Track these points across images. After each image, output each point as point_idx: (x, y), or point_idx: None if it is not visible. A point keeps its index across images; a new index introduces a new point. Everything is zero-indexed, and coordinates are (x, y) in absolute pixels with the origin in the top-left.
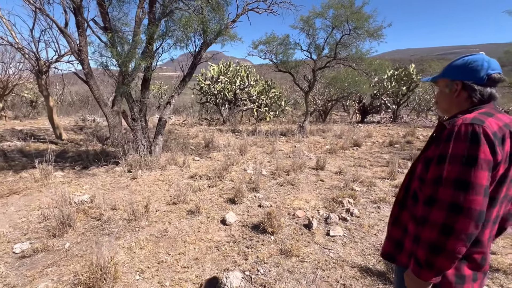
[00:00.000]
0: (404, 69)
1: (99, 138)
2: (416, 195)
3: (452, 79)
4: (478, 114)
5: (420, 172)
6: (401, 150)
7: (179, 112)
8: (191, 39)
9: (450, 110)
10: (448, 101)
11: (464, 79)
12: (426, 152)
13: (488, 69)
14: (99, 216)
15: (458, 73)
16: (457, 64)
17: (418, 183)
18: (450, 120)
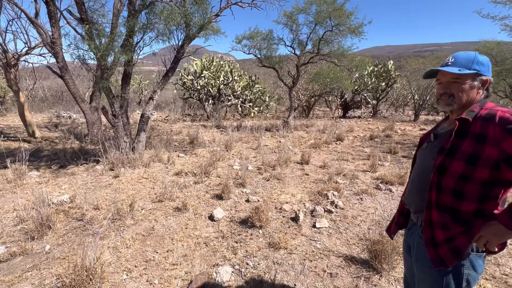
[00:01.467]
0: (383, 66)
1: (77, 135)
2: (459, 192)
3: (484, 74)
4: (498, 106)
5: (462, 170)
6: (381, 143)
7: (161, 108)
8: (174, 33)
9: (470, 103)
10: (471, 96)
11: (489, 75)
12: (459, 149)
13: None
14: (81, 216)
15: (487, 69)
16: (482, 61)
17: (455, 181)
18: (468, 113)
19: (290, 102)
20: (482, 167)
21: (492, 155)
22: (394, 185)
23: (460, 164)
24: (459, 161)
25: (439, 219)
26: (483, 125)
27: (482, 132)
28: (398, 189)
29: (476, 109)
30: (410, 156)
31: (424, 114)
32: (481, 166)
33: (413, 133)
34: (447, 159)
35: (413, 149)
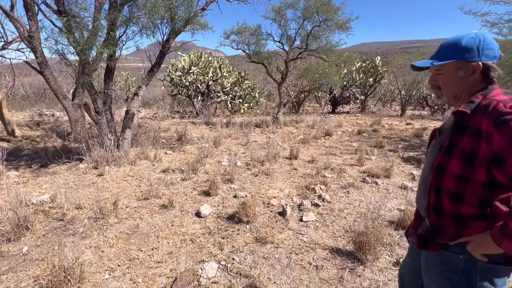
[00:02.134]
0: (371, 61)
1: (59, 134)
2: (458, 196)
3: (469, 59)
4: (505, 94)
5: (459, 171)
6: (368, 138)
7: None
8: (158, 27)
9: (462, 95)
10: (461, 85)
11: (483, 59)
12: (457, 146)
13: (497, 49)
14: (61, 216)
15: (475, 53)
16: (469, 44)
17: (455, 183)
18: (468, 105)
19: (279, 98)
20: (480, 167)
21: (487, 153)
22: (380, 178)
23: (457, 163)
24: (456, 160)
25: (441, 222)
26: (480, 118)
27: (479, 126)
28: (384, 181)
29: (477, 99)
30: (396, 150)
31: (411, 109)
32: (478, 166)
33: (400, 127)
34: (446, 158)
35: (399, 143)
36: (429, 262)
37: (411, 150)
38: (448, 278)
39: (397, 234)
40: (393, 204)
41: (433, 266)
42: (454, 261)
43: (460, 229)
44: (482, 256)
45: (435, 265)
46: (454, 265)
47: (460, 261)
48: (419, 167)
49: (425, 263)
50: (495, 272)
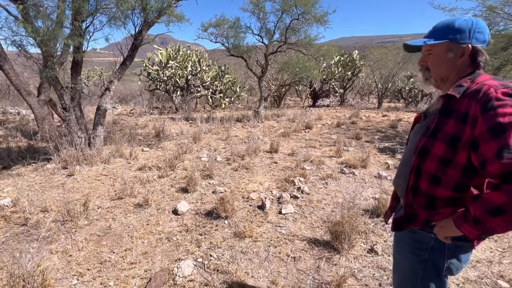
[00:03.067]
0: (349, 55)
1: (25, 133)
2: (437, 178)
3: (460, 41)
4: (493, 79)
5: (442, 154)
6: (347, 130)
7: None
8: (130, 17)
9: (449, 77)
10: (449, 67)
11: (473, 42)
12: (442, 129)
13: (488, 32)
14: (24, 221)
15: (466, 35)
16: (461, 26)
17: (437, 165)
18: (457, 89)
19: (260, 92)
20: (462, 150)
21: (470, 137)
22: (357, 168)
23: (441, 146)
24: (440, 143)
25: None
26: (469, 102)
27: (466, 110)
28: (360, 172)
29: (466, 84)
30: (373, 141)
31: (387, 102)
32: (461, 149)
33: (376, 119)
34: (430, 140)
35: (376, 134)
36: (402, 241)
37: (386, 141)
38: (418, 254)
39: (372, 222)
40: (369, 193)
41: (405, 244)
42: (426, 239)
43: (430, 215)
44: (445, 238)
45: (407, 243)
46: (425, 243)
47: (431, 239)
48: (394, 157)
49: (398, 242)
50: (461, 249)
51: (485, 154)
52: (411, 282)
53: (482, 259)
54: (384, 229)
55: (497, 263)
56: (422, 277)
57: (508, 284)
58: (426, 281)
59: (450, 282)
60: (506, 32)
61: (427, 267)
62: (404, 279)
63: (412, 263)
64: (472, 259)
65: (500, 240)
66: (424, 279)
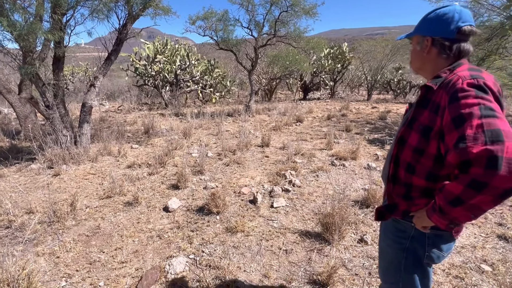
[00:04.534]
0: (338, 48)
1: (7, 132)
2: (412, 167)
3: (423, 34)
4: (468, 70)
5: (416, 143)
6: (337, 122)
7: (114, 97)
8: (113, 10)
9: (424, 68)
10: (420, 59)
11: (433, 34)
12: (417, 120)
13: (458, 21)
14: (8, 223)
15: (429, 28)
16: (429, 19)
17: (411, 154)
18: (435, 80)
19: (250, 86)
20: (433, 139)
21: (440, 127)
22: (347, 160)
23: (415, 136)
24: (415, 133)
25: (394, 191)
26: (441, 93)
27: (439, 100)
28: (350, 163)
29: (444, 74)
30: (363, 133)
31: (376, 94)
32: (432, 139)
33: (366, 111)
34: (407, 130)
35: (366, 126)
36: (386, 229)
37: (376, 132)
38: (400, 243)
39: (361, 212)
40: (359, 184)
41: (388, 233)
42: (407, 228)
43: (408, 206)
44: (423, 228)
45: (390, 232)
46: (406, 232)
47: (412, 228)
48: (383, 148)
49: (383, 230)
50: (441, 238)
51: (448, 144)
52: (395, 270)
53: (467, 245)
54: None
55: (480, 248)
56: (404, 264)
57: (491, 267)
58: (408, 269)
59: (436, 268)
60: (490, 23)
61: (408, 255)
62: (388, 266)
63: (395, 251)
64: (457, 245)
65: (483, 226)
66: (406, 266)
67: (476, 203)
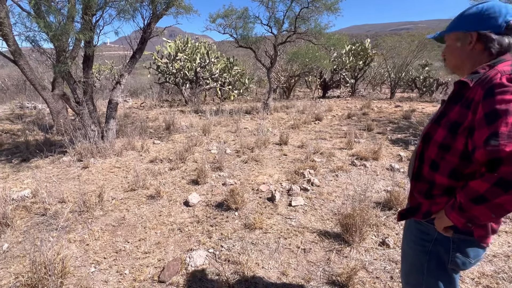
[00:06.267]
0: (360, 44)
1: (41, 126)
2: (436, 164)
3: (466, 30)
4: (511, 65)
5: (442, 139)
6: (358, 121)
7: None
8: (138, 10)
9: (462, 66)
10: (460, 56)
11: (479, 29)
12: (447, 115)
13: (506, 15)
14: (44, 211)
15: (472, 23)
16: (470, 14)
17: (437, 150)
18: (471, 76)
19: (269, 84)
20: (461, 135)
21: (471, 122)
22: (368, 160)
23: (442, 132)
24: (442, 129)
25: (416, 189)
26: (477, 89)
27: (474, 96)
28: (372, 164)
29: (483, 70)
30: (385, 132)
31: (400, 92)
32: (460, 135)
33: (389, 110)
34: (434, 126)
35: (388, 125)
36: (409, 230)
37: (399, 132)
38: (423, 245)
39: (383, 214)
40: (380, 186)
41: (411, 234)
42: (430, 230)
43: (430, 206)
44: (444, 230)
45: (413, 233)
46: (430, 234)
47: (435, 231)
48: (407, 148)
49: (405, 231)
50: (467, 243)
51: (476, 140)
52: (417, 273)
53: (499, 254)
54: (396, 222)
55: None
56: (427, 268)
57: None
58: (431, 273)
59: (465, 276)
60: None
61: (431, 258)
62: (410, 269)
63: (417, 253)
64: (488, 253)
65: None
66: (429, 270)
67: (501, 203)
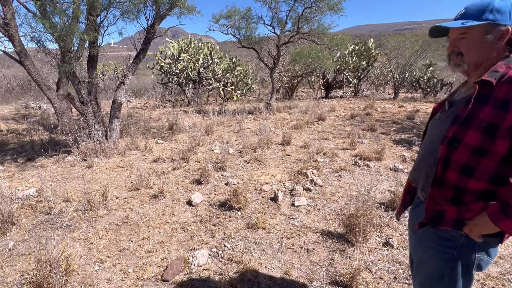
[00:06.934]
0: (363, 44)
1: (46, 126)
2: (469, 169)
3: (500, 23)
4: None
5: (477, 143)
6: (361, 122)
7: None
8: (142, 11)
9: (483, 62)
10: (485, 51)
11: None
12: (477, 117)
13: None
14: (49, 209)
15: (507, 16)
16: (502, 7)
17: (469, 155)
18: (492, 74)
19: (271, 84)
20: (502, 139)
21: None
22: (372, 160)
23: (476, 135)
24: (475, 132)
25: (439, 195)
26: (509, 88)
27: (507, 97)
28: (375, 164)
29: (502, 69)
30: (388, 133)
31: (403, 92)
32: (500, 138)
33: (392, 110)
34: (461, 129)
35: (392, 126)
36: (426, 237)
37: (403, 132)
38: (446, 252)
39: (387, 215)
40: (384, 186)
41: (428, 241)
42: (455, 237)
43: (460, 212)
44: (479, 237)
45: (431, 240)
46: (454, 241)
47: (461, 237)
48: (411, 149)
49: (421, 238)
50: (491, 243)
51: None
52: (437, 281)
53: (505, 255)
54: (400, 223)
55: None
56: (449, 275)
57: None
58: (453, 279)
59: None
60: None
61: (455, 265)
62: (429, 278)
63: (438, 261)
64: None
65: None
66: (451, 277)
67: None
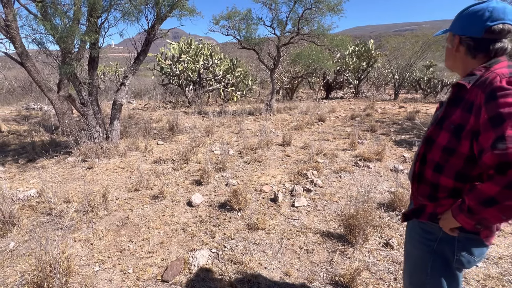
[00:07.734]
0: (364, 45)
1: (47, 127)
2: (440, 167)
3: (454, 32)
4: (508, 67)
5: (446, 143)
6: (361, 122)
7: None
8: (143, 12)
9: (455, 66)
10: (452, 57)
11: (461, 33)
12: (448, 119)
13: (487, 20)
14: (49, 210)
15: (459, 26)
16: (462, 16)
17: (441, 154)
18: (468, 78)
19: (272, 85)
20: (465, 139)
21: (475, 127)
22: (372, 161)
23: (445, 135)
24: (446, 132)
25: (419, 191)
26: (477, 91)
27: (473, 99)
28: (375, 165)
29: (479, 72)
30: (389, 133)
31: (404, 93)
32: (464, 139)
33: (393, 111)
34: (436, 129)
35: (392, 126)
36: (412, 230)
37: (403, 133)
38: (427, 245)
39: (387, 215)
40: (384, 187)
41: (415, 234)
42: (435, 230)
43: (435, 207)
44: (450, 230)
45: (417, 233)
46: (434, 234)
47: (439, 230)
48: (411, 149)
49: (409, 231)
50: (472, 242)
51: (483, 144)
52: (421, 272)
53: (505, 256)
54: (400, 223)
55: None
56: (431, 267)
57: None
58: (435, 272)
59: (470, 278)
60: None
61: (436, 258)
62: (414, 269)
63: (421, 253)
64: (494, 255)
65: None
66: (433, 270)
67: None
